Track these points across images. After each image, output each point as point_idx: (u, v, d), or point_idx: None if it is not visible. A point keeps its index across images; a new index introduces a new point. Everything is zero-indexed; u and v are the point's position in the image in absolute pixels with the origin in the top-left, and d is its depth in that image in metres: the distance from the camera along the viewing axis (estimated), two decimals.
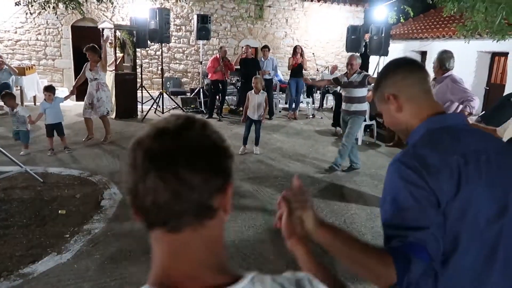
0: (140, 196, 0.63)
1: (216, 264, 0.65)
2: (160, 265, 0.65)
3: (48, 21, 10.97)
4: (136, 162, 0.64)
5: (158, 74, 11.91)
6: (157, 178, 0.61)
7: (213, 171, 0.65)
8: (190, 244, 0.64)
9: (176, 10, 12.03)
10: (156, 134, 0.65)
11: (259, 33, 13.15)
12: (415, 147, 1.14)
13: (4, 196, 4.40)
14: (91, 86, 6.73)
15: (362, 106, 5.69)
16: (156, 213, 0.63)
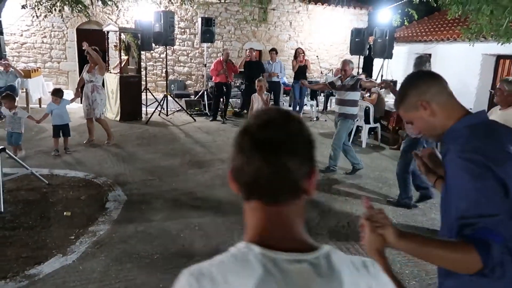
0: (245, 174, 0.78)
1: (299, 233, 0.79)
2: (255, 228, 0.79)
3: (54, 24, 11.05)
4: (244, 147, 0.78)
5: (162, 76, 11.96)
6: (262, 161, 0.76)
7: (306, 158, 0.79)
8: (282, 215, 0.78)
9: (181, 13, 12.09)
10: (262, 124, 0.79)
11: (263, 36, 13.18)
12: (468, 142, 1.26)
13: (10, 198, 4.42)
14: (86, 88, 6.79)
15: (353, 110, 5.78)
16: (258, 189, 0.78)
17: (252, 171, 0.76)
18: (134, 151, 6.62)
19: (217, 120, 9.36)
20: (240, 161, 0.78)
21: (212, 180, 5.42)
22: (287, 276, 0.71)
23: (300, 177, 0.78)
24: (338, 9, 13.36)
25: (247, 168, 0.77)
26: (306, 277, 0.72)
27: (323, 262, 0.75)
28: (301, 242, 0.78)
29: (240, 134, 0.80)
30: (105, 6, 5.76)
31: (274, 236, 0.77)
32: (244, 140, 0.78)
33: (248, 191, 0.80)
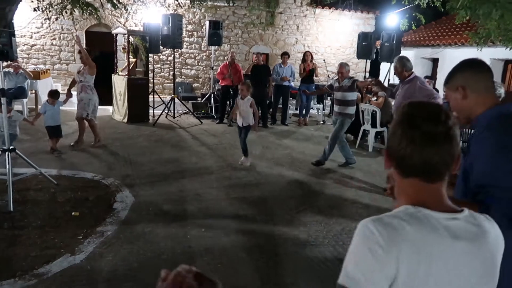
0: (414, 160, 1.00)
1: (447, 200, 1.03)
2: (413, 197, 1.02)
3: (63, 27, 11.19)
4: (416, 139, 0.98)
5: (169, 79, 12.04)
6: (433, 152, 0.98)
7: (457, 145, 1.01)
8: (436, 189, 1.02)
9: (189, 16, 12.17)
10: (429, 119, 0.99)
11: (270, 39, 13.22)
12: (494, 125, 1.57)
13: (19, 198, 4.47)
14: (77, 88, 6.78)
15: (351, 109, 6.23)
16: (422, 171, 1.00)
17: (422, 159, 0.99)
18: (142, 152, 6.67)
19: (223, 123, 9.40)
20: (410, 150, 0.99)
21: (219, 182, 5.45)
22: (449, 229, 0.96)
23: (453, 161, 1.01)
24: (345, 13, 13.38)
25: (417, 155, 0.99)
26: (465, 229, 0.98)
27: (471, 219, 1.01)
28: (450, 207, 1.02)
29: (408, 126, 1.01)
30: (115, 8, 5.81)
31: (430, 203, 1.00)
32: (415, 133, 0.99)
33: (411, 172, 1.02)
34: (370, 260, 0.92)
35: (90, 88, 6.77)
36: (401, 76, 5.05)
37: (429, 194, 1.02)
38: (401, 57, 5.22)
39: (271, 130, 9.08)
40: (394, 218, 0.96)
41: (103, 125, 8.74)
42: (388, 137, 1.08)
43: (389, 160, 1.06)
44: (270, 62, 12.62)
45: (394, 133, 1.03)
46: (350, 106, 6.17)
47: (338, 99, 6.23)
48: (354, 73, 13.90)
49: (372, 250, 0.92)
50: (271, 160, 6.64)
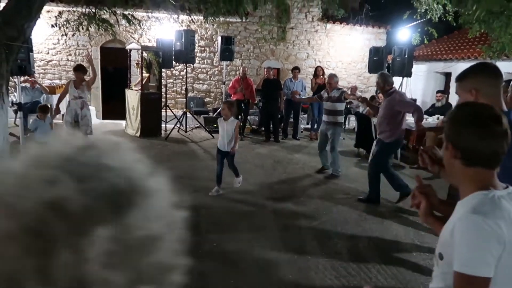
0: (484, 152, 1.26)
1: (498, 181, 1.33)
2: (480, 182, 1.29)
3: (79, 43, 11.44)
4: (485, 134, 1.25)
5: (182, 93, 12.16)
6: (501, 145, 1.25)
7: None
8: (494, 174, 1.30)
9: (201, 32, 12.35)
10: (497, 119, 1.25)
11: (282, 54, 13.31)
12: None
13: None
14: (75, 104, 6.71)
15: (341, 118, 6.65)
16: (488, 161, 1.27)
17: (491, 151, 1.25)
18: (154, 166, 6.69)
19: None
20: (481, 144, 1.25)
21: (231, 196, 5.43)
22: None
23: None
24: (356, 28, 13.43)
25: (487, 149, 1.25)
26: None
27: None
28: (502, 186, 1.31)
29: (479, 125, 1.26)
30: (130, 25, 5.93)
31: (492, 185, 1.28)
32: (485, 130, 1.24)
33: (477, 162, 1.28)
34: (486, 247, 1.17)
35: (88, 104, 6.90)
36: (383, 90, 5.34)
37: (490, 178, 1.29)
38: (382, 73, 5.57)
39: (282, 145, 9.06)
40: (483, 204, 1.23)
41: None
42: (452, 133, 1.32)
43: (454, 152, 1.30)
44: (281, 77, 12.68)
45: (462, 131, 1.28)
46: (339, 116, 6.52)
47: (327, 109, 6.51)
48: (366, 88, 13.89)
49: (487, 238, 1.18)
50: (282, 175, 6.61)
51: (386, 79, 5.25)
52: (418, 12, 7.64)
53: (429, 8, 7.41)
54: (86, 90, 6.76)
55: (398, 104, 5.12)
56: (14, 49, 3.92)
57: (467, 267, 1.18)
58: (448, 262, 1.29)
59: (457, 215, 1.31)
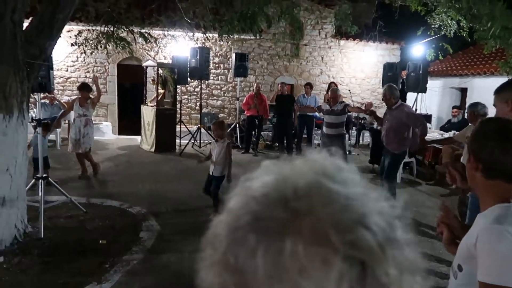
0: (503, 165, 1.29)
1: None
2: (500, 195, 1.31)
3: (97, 60, 11.71)
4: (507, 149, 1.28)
5: (196, 109, 12.29)
6: None
7: None
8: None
9: (215, 48, 12.53)
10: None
11: (295, 70, 13.39)
12: None
13: (50, 225, 4.57)
14: (79, 121, 6.69)
15: (342, 130, 6.84)
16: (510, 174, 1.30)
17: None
18: (168, 182, 6.74)
19: (249, 153, 9.44)
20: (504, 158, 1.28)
21: None
22: None
23: None
24: (370, 44, 13.45)
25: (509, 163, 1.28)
26: None
27: None
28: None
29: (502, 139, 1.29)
30: (146, 42, 6.07)
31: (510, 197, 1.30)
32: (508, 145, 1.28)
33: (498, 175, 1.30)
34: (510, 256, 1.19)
35: (92, 121, 6.92)
36: (388, 102, 5.38)
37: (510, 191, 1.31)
38: (390, 85, 5.56)
39: None
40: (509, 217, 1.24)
41: (131, 154, 8.96)
42: (475, 147, 1.36)
43: (476, 165, 1.34)
44: (295, 93, 12.72)
45: (484, 144, 1.31)
46: (342, 128, 6.82)
47: (330, 122, 6.69)
48: (380, 103, 13.81)
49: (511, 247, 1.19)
50: None
51: (393, 92, 5.32)
52: (432, 28, 7.60)
53: (443, 24, 7.38)
54: (90, 108, 6.84)
55: (406, 116, 5.23)
56: (36, 67, 4.05)
57: (492, 277, 1.20)
58: (468, 273, 1.31)
59: (478, 226, 1.33)
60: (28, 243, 4.03)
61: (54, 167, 6.86)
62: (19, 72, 3.72)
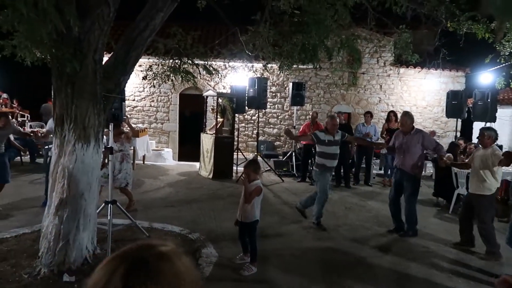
0: None
1: None
2: None
3: (161, 90, 12.44)
4: None
5: (253, 137, 12.52)
6: None
7: None
8: None
9: (273, 78, 12.80)
10: None
11: (352, 98, 13.25)
12: None
13: (116, 247, 4.80)
14: (114, 158, 6.29)
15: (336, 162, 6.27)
16: None
17: None
18: (226, 209, 6.86)
19: (305, 182, 9.37)
20: None
21: (301, 242, 5.34)
22: None
23: None
24: (432, 71, 13.02)
25: None
26: None
27: None
28: None
29: None
30: (210, 75, 6.37)
31: None
32: None
33: None
34: None
35: (129, 157, 6.69)
36: (408, 128, 5.83)
37: None
38: (408, 112, 6.05)
39: (353, 191, 8.82)
40: None
41: (190, 180, 9.26)
42: None
43: None
44: (352, 121, 12.56)
45: None
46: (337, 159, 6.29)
47: (332, 153, 6.03)
48: (444, 132, 13.19)
49: None
50: (355, 222, 6.39)
51: (412, 118, 5.94)
52: (502, 56, 7.23)
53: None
54: (125, 142, 6.63)
55: (426, 140, 5.76)
56: (111, 100, 4.40)
57: None
58: None
59: None
60: (97, 264, 4.25)
61: (116, 192, 7.26)
62: (97, 105, 4.06)
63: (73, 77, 3.85)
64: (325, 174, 6.04)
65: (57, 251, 3.97)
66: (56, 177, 4.04)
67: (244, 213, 4.42)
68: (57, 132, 4.08)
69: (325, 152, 6.02)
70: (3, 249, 4.57)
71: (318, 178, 6.15)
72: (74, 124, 3.95)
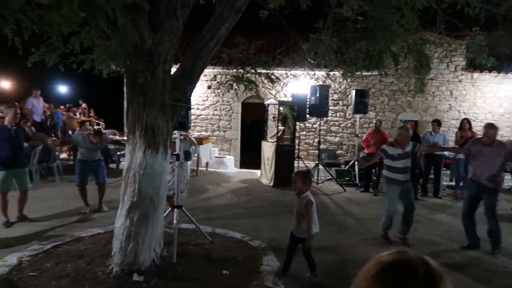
0: None
1: None
2: None
3: (224, 99, 12.78)
4: None
5: (314, 146, 12.39)
6: None
7: None
8: None
9: (335, 86, 12.61)
10: None
11: (420, 106, 12.63)
12: None
13: (181, 251, 4.98)
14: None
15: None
16: None
17: None
18: (286, 217, 6.82)
19: (369, 192, 9.07)
20: None
21: (364, 255, 5.15)
22: None
23: None
24: (510, 76, 12.03)
25: None
26: None
27: None
28: None
29: None
30: (273, 84, 6.43)
31: None
32: None
33: None
34: None
35: (176, 169, 6.13)
36: (492, 140, 5.39)
37: None
38: (493, 124, 5.58)
39: (421, 203, 8.34)
40: None
41: (251, 187, 9.37)
42: None
43: None
44: (419, 130, 11.94)
45: None
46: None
47: (402, 167, 5.64)
48: None
49: None
50: (424, 235, 6.04)
51: (497, 130, 5.52)
52: None
53: None
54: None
55: (509, 153, 5.36)
56: (178, 109, 4.60)
57: None
58: None
59: None
60: (163, 266, 4.45)
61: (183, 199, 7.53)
62: (166, 114, 4.27)
63: (145, 87, 4.08)
64: (394, 187, 5.67)
65: (127, 251, 4.20)
66: (128, 182, 4.30)
67: (299, 228, 4.30)
68: (130, 139, 4.35)
69: (394, 167, 5.64)
70: (80, 248, 4.94)
71: (386, 191, 5.89)
72: (145, 132, 4.18)
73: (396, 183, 5.64)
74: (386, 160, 5.74)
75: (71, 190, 8.24)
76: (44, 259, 4.60)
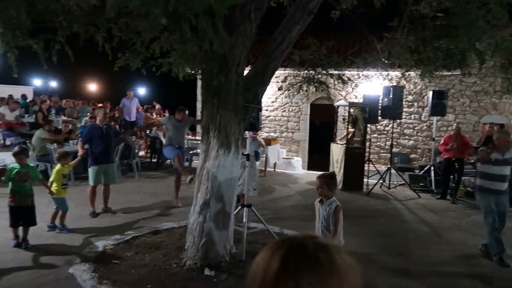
0: None
1: None
2: None
3: (293, 100, 12.78)
4: None
5: (386, 149, 11.92)
6: None
7: None
8: None
9: (409, 86, 12.01)
10: None
11: (508, 108, 11.57)
12: None
13: (250, 249, 5.06)
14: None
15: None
16: None
17: None
18: (355, 223, 6.64)
19: (446, 199, 8.51)
20: None
21: (442, 265, 4.85)
22: None
23: None
24: None
25: None
26: None
27: None
28: None
29: None
30: (344, 84, 6.31)
31: None
32: None
33: None
34: None
35: (247, 167, 6.30)
36: None
37: None
38: None
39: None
40: None
41: None
42: None
43: None
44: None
45: None
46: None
47: (502, 175, 5.13)
48: None
49: None
50: (509, 251, 5.52)
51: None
52: None
53: None
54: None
55: None
56: (249, 110, 4.70)
57: None
58: None
59: None
60: (233, 263, 4.57)
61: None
62: (238, 115, 4.39)
63: (219, 89, 4.24)
64: (488, 197, 5.12)
65: (200, 246, 4.39)
66: (201, 180, 4.49)
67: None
68: (204, 139, 4.54)
69: (489, 173, 5.13)
70: (157, 240, 5.26)
71: (479, 203, 5.32)
72: (218, 132, 4.33)
73: (491, 192, 5.12)
74: (481, 166, 5.25)
75: (149, 186, 8.80)
76: (125, 248, 4.97)
